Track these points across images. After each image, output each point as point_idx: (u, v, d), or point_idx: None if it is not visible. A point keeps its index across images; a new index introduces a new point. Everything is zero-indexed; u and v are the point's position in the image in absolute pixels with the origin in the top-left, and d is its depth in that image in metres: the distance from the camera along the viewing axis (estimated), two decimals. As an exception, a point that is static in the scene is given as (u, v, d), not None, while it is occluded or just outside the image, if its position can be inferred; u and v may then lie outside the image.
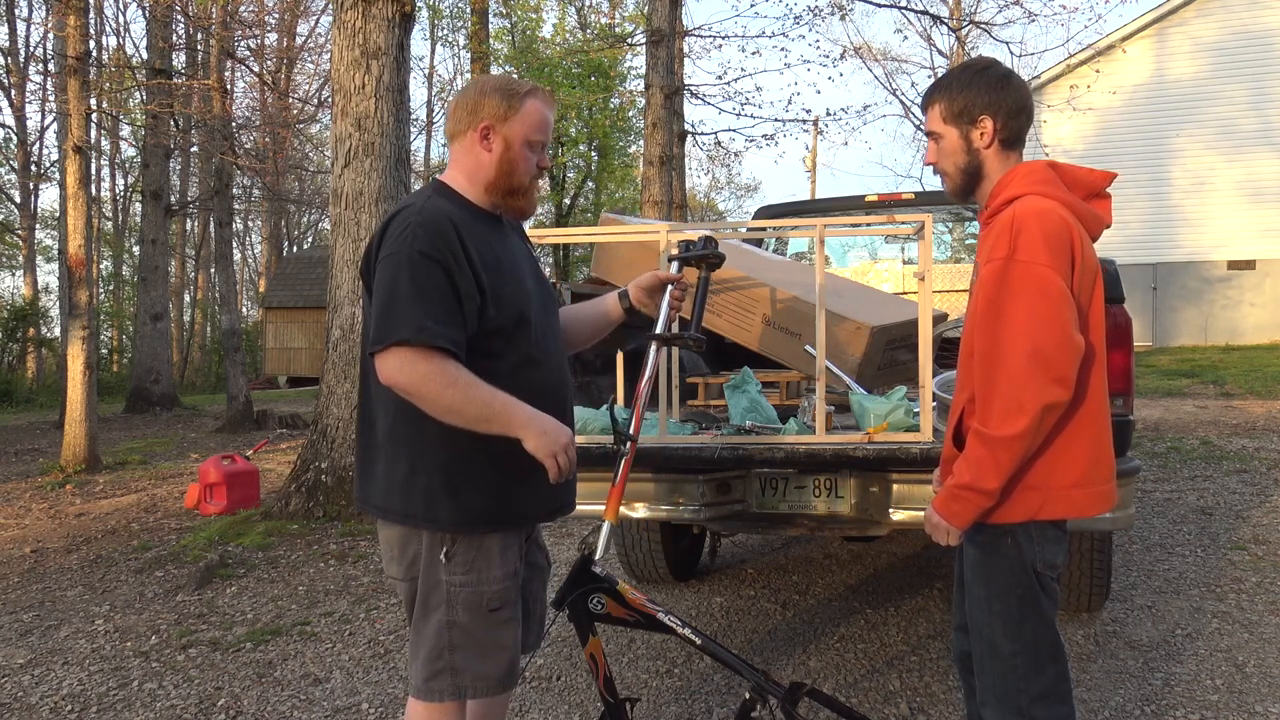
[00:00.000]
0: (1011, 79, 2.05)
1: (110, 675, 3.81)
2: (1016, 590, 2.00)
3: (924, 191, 5.67)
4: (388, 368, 1.92)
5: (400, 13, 6.47)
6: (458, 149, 2.13)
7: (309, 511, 6.20)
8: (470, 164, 2.11)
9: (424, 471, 2.02)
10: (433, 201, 2.04)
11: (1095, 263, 1.98)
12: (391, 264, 1.95)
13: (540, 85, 2.19)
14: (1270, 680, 3.35)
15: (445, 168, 2.22)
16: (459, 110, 2.11)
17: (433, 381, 1.90)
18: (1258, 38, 17.88)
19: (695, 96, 13.62)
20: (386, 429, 2.07)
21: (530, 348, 2.10)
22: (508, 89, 2.10)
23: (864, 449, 3.09)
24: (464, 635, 2.04)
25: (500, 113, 2.08)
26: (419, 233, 1.96)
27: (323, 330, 6.82)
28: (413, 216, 1.99)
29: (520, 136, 2.09)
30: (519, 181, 2.12)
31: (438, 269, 1.94)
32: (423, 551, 2.06)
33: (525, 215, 2.24)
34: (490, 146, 2.09)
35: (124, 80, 14.62)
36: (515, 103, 2.08)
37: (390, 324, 1.92)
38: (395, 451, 2.05)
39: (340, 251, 6.44)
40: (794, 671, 3.56)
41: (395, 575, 2.13)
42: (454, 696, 2.07)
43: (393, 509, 2.07)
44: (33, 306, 21.82)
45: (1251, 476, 6.87)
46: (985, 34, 13.35)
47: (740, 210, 42.13)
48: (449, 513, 2.02)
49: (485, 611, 2.05)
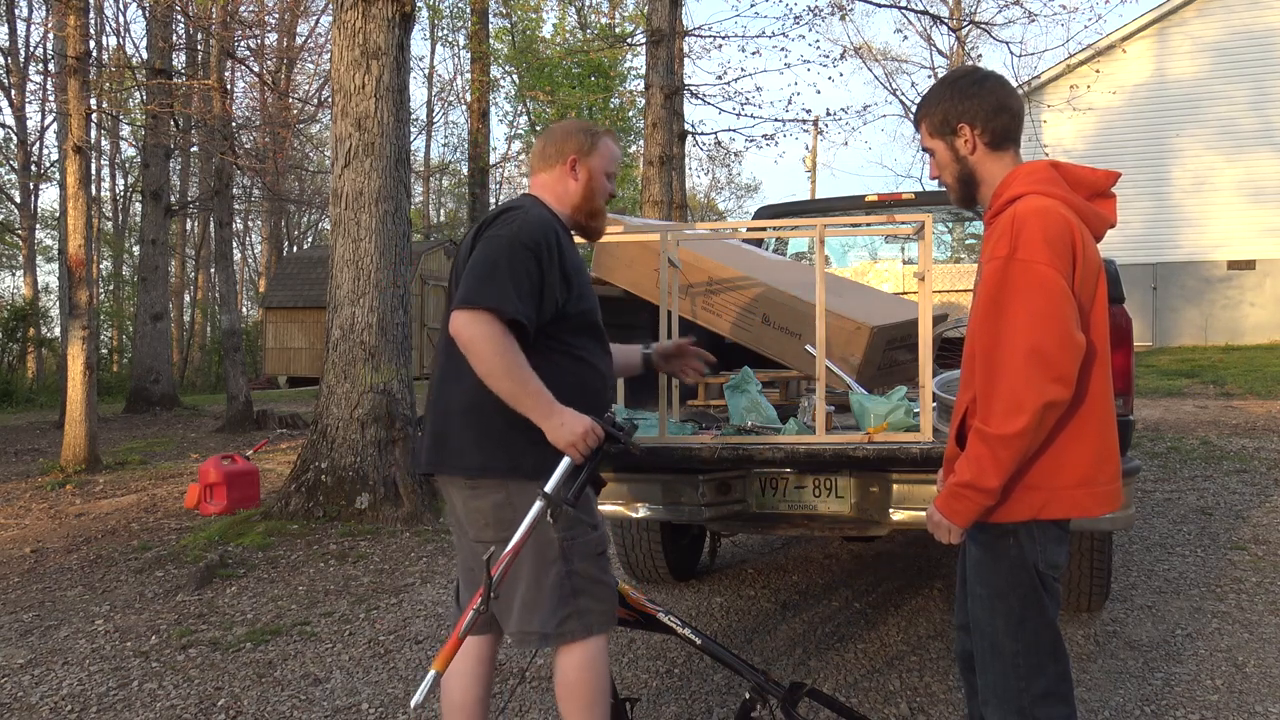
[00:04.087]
0: (985, 82, 2.06)
1: (110, 675, 3.81)
2: (1018, 590, 2.00)
3: (924, 191, 5.67)
4: (462, 321, 2.22)
5: (400, 13, 6.47)
6: (546, 179, 2.53)
7: (309, 511, 6.20)
8: (560, 190, 2.51)
9: (520, 428, 2.26)
10: (539, 209, 2.43)
11: (1097, 262, 1.98)
12: (496, 244, 2.29)
13: (609, 129, 2.61)
14: (1270, 680, 3.35)
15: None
16: (549, 147, 2.52)
17: (489, 344, 2.19)
18: (1258, 38, 17.87)
19: (695, 96, 13.59)
20: (472, 392, 2.28)
21: (592, 353, 2.46)
22: (589, 130, 2.55)
23: (864, 449, 3.09)
24: (584, 580, 2.34)
25: (584, 148, 2.51)
26: (525, 226, 2.32)
27: (323, 330, 6.82)
28: (520, 215, 2.36)
29: (600, 168, 2.53)
30: (599, 204, 2.55)
31: (531, 258, 2.27)
32: (522, 514, 2.23)
33: (598, 236, 2.66)
34: (577, 176, 2.51)
35: (124, 80, 14.62)
36: (594, 141, 2.52)
37: (483, 290, 2.22)
38: (486, 412, 2.28)
39: (340, 251, 6.44)
40: (794, 671, 3.56)
41: (488, 539, 2.34)
42: (585, 635, 2.35)
43: (495, 466, 2.31)
44: (33, 306, 21.80)
45: (1251, 476, 6.87)
46: (985, 34, 13.31)
47: (740, 210, 42.16)
48: (533, 462, 2.26)
49: (595, 555, 2.38)
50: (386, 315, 6.40)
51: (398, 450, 6.35)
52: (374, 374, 6.34)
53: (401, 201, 6.59)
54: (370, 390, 6.31)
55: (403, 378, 6.49)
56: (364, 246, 6.38)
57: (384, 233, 6.41)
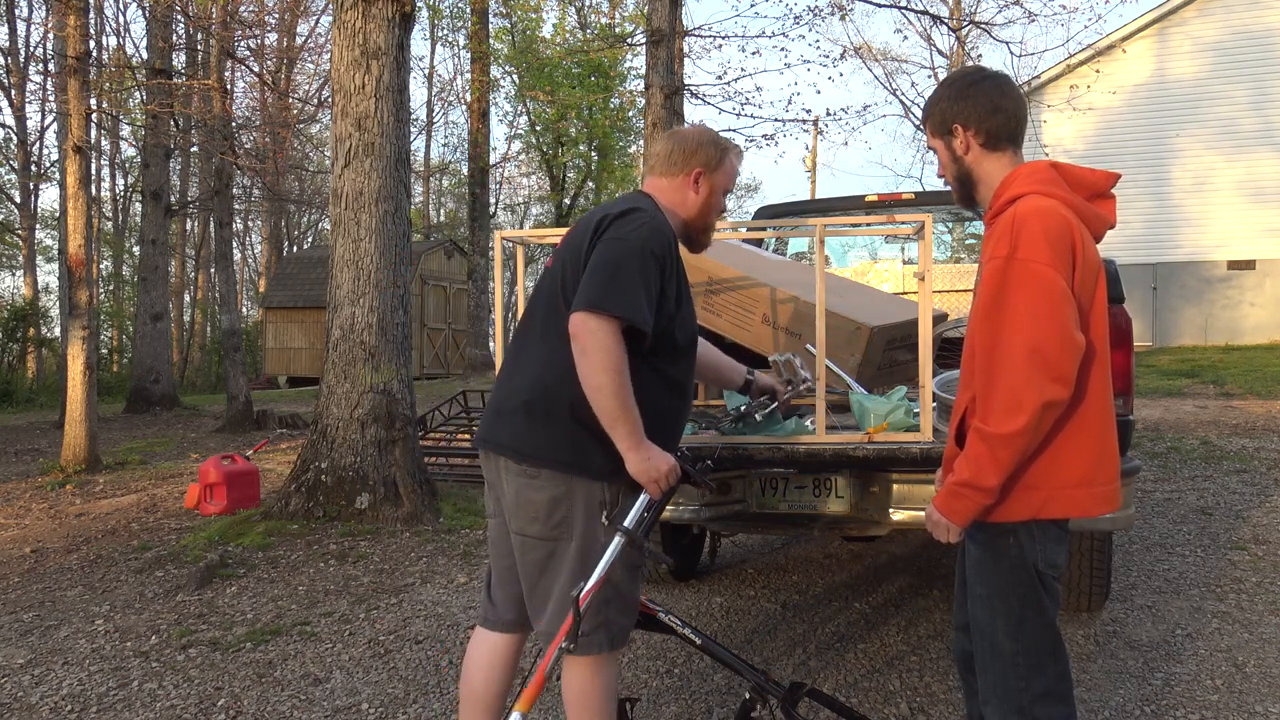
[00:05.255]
0: (979, 83, 2.07)
1: (110, 675, 3.81)
2: (1018, 589, 2.00)
3: (924, 191, 5.66)
4: (588, 325, 2.13)
5: (400, 13, 6.47)
6: (666, 184, 2.44)
7: (309, 511, 6.20)
8: (678, 199, 2.44)
9: (592, 427, 2.21)
10: (660, 215, 2.34)
11: (1097, 262, 1.98)
12: (622, 247, 2.21)
13: (737, 145, 2.51)
14: (1270, 680, 3.35)
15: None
16: (675, 153, 2.43)
17: (609, 357, 2.12)
18: (1258, 38, 17.87)
19: (695, 96, 13.55)
20: (558, 381, 2.24)
21: (685, 381, 2.42)
22: (719, 144, 2.46)
23: (864, 449, 3.09)
24: (615, 591, 2.28)
25: (712, 163, 2.43)
26: (652, 233, 2.24)
27: (323, 330, 6.82)
28: (647, 218, 2.27)
29: (722, 186, 2.46)
30: (713, 220, 2.49)
31: (656, 268, 2.22)
32: (577, 513, 2.26)
33: (703, 250, 2.59)
34: (699, 190, 2.43)
35: (124, 80, 14.61)
36: (723, 157, 2.45)
37: (612, 295, 2.15)
38: (562, 404, 2.23)
39: (340, 251, 6.44)
40: (794, 671, 3.56)
41: (533, 534, 2.30)
42: (608, 648, 2.30)
43: (562, 459, 2.25)
44: (33, 306, 21.79)
45: (1251, 476, 6.87)
46: (985, 34, 13.28)
47: (740, 210, 42.09)
48: (601, 461, 2.23)
49: (632, 569, 2.32)
50: (386, 315, 6.41)
51: (398, 450, 6.35)
52: (374, 374, 6.34)
53: (401, 201, 6.59)
54: (370, 390, 6.32)
55: (403, 378, 6.49)
56: (364, 246, 6.38)
57: (384, 233, 6.41)
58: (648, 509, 2.23)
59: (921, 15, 15.21)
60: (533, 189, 35.74)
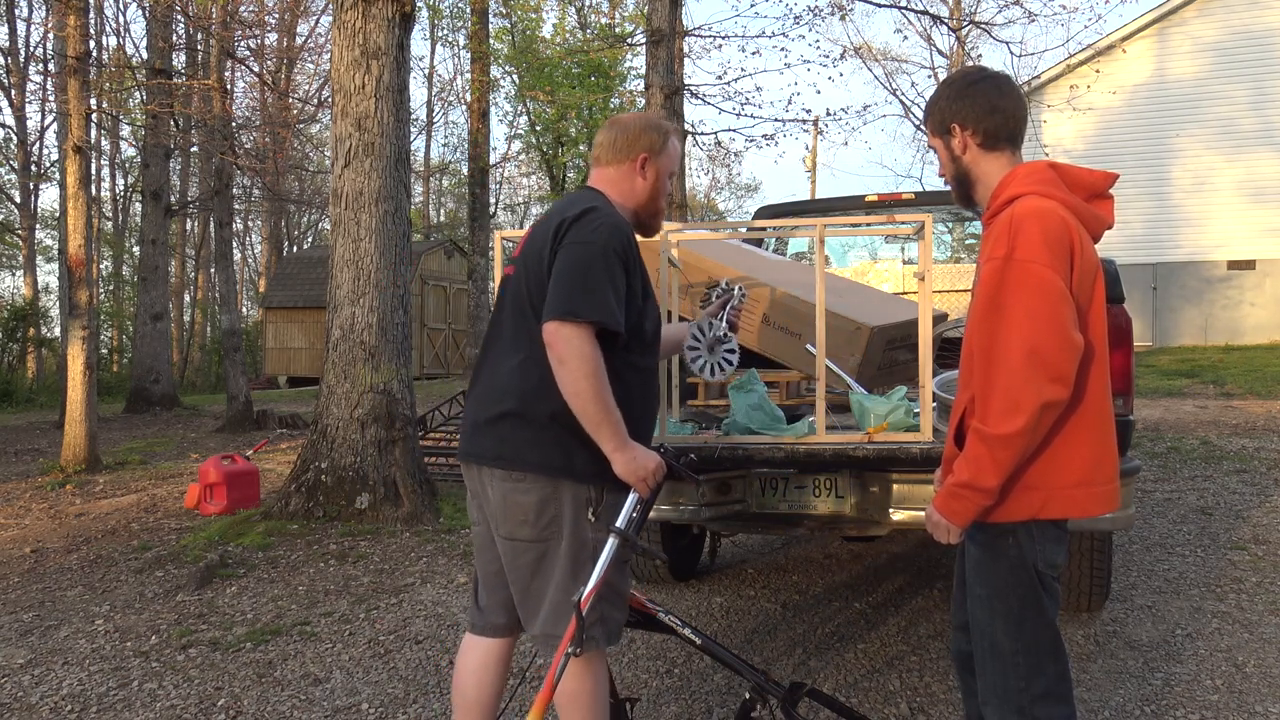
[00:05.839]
0: (978, 84, 2.07)
1: (110, 675, 3.81)
2: (1018, 589, 2.00)
3: (924, 191, 5.66)
4: (563, 333, 2.14)
5: (400, 13, 6.47)
6: (613, 174, 2.45)
7: (309, 511, 6.20)
8: (626, 187, 2.45)
9: (574, 428, 2.21)
10: (615, 211, 2.35)
11: (1095, 262, 1.98)
12: (585, 251, 2.21)
13: (676, 126, 2.43)
14: (1270, 680, 3.35)
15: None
16: (620, 141, 2.44)
17: (587, 364, 2.14)
18: (1258, 38, 17.87)
19: (695, 96, 13.57)
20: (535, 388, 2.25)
21: (654, 371, 2.44)
22: (660, 128, 2.47)
23: (864, 449, 3.09)
24: (609, 587, 2.26)
25: (656, 147, 2.45)
26: (612, 232, 2.25)
27: (323, 330, 6.82)
28: (604, 217, 2.27)
29: (666, 168, 2.47)
30: (662, 205, 2.51)
31: (620, 265, 2.23)
32: (565, 513, 2.27)
33: (655, 234, 2.61)
34: (645, 175, 2.45)
35: (124, 80, 14.61)
36: (665, 140, 2.46)
37: (585, 301, 2.16)
38: (541, 408, 2.25)
39: (340, 251, 6.44)
40: (794, 671, 3.56)
41: (524, 537, 2.29)
42: (604, 643, 2.31)
43: (548, 463, 2.26)
44: (33, 306, 21.79)
45: (1251, 476, 6.87)
46: (985, 34, 13.29)
47: (740, 210, 42.16)
48: (584, 463, 2.24)
49: (621, 564, 2.30)
50: (386, 315, 6.41)
51: (398, 450, 6.35)
52: (374, 374, 6.34)
53: (401, 201, 6.59)
54: (370, 390, 6.32)
55: (403, 378, 6.49)
56: (364, 246, 6.38)
57: (384, 233, 6.42)
58: (638, 507, 2.24)
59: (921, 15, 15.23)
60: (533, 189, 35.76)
